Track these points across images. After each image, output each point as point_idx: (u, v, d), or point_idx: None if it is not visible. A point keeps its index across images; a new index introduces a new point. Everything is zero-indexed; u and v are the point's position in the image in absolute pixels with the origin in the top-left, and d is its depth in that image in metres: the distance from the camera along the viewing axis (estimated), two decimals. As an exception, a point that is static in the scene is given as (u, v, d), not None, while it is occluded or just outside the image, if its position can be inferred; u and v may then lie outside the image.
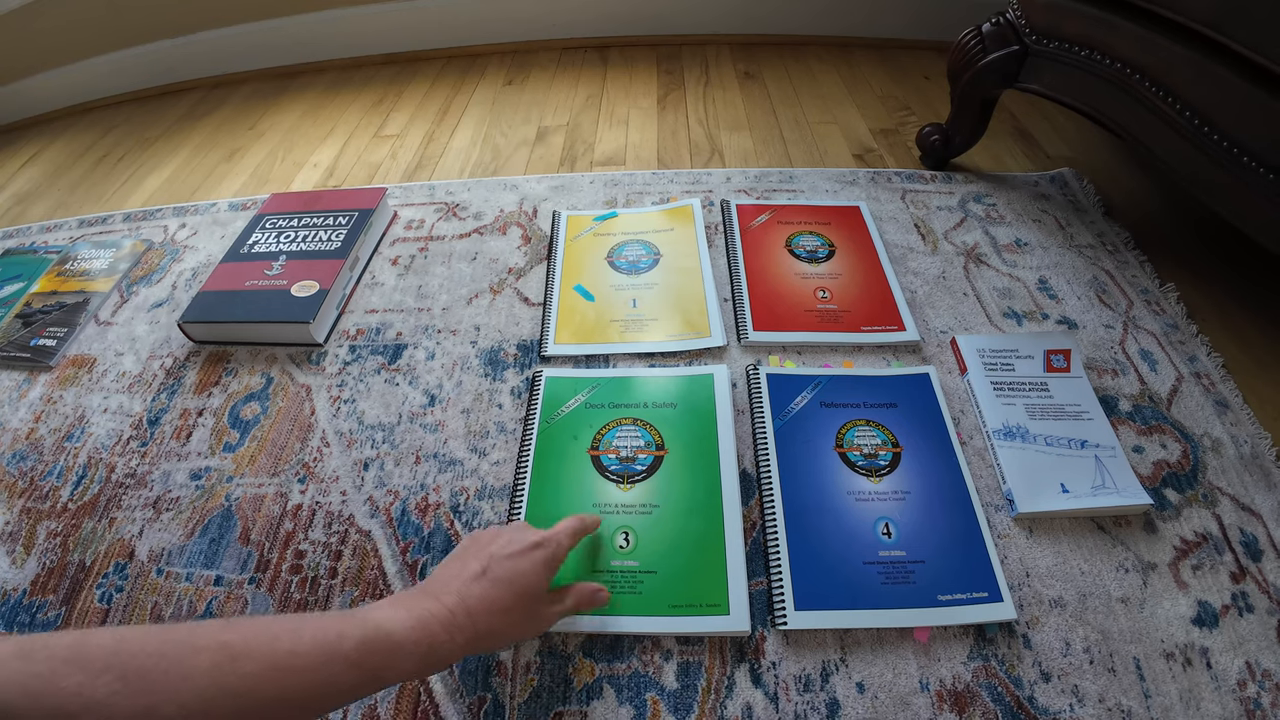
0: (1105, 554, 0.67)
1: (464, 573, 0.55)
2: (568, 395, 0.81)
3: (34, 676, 0.35)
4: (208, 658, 0.40)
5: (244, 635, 0.43)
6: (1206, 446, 0.75)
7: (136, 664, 0.38)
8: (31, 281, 1.09)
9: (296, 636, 0.44)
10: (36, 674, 0.35)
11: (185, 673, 0.39)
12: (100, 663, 0.37)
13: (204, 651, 0.40)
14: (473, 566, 0.55)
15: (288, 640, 0.44)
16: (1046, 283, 0.93)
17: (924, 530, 0.68)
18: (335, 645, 0.45)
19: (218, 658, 0.40)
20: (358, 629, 0.47)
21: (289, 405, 0.86)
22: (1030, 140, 1.22)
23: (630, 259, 0.99)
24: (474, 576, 0.54)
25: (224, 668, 0.40)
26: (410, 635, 0.48)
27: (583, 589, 0.61)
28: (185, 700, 0.38)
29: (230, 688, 0.40)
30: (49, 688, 0.35)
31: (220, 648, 0.41)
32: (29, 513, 0.79)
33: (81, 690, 0.35)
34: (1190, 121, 0.78)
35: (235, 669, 0.41)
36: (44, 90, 1.74)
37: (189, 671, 0.39)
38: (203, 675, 0.39)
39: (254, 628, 0.44)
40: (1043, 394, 0.77)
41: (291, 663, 0.43)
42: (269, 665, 0.42)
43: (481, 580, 0.54)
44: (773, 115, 1.34)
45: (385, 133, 1.43)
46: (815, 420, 0.77)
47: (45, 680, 0.35)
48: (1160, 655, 0.61)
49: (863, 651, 0.62)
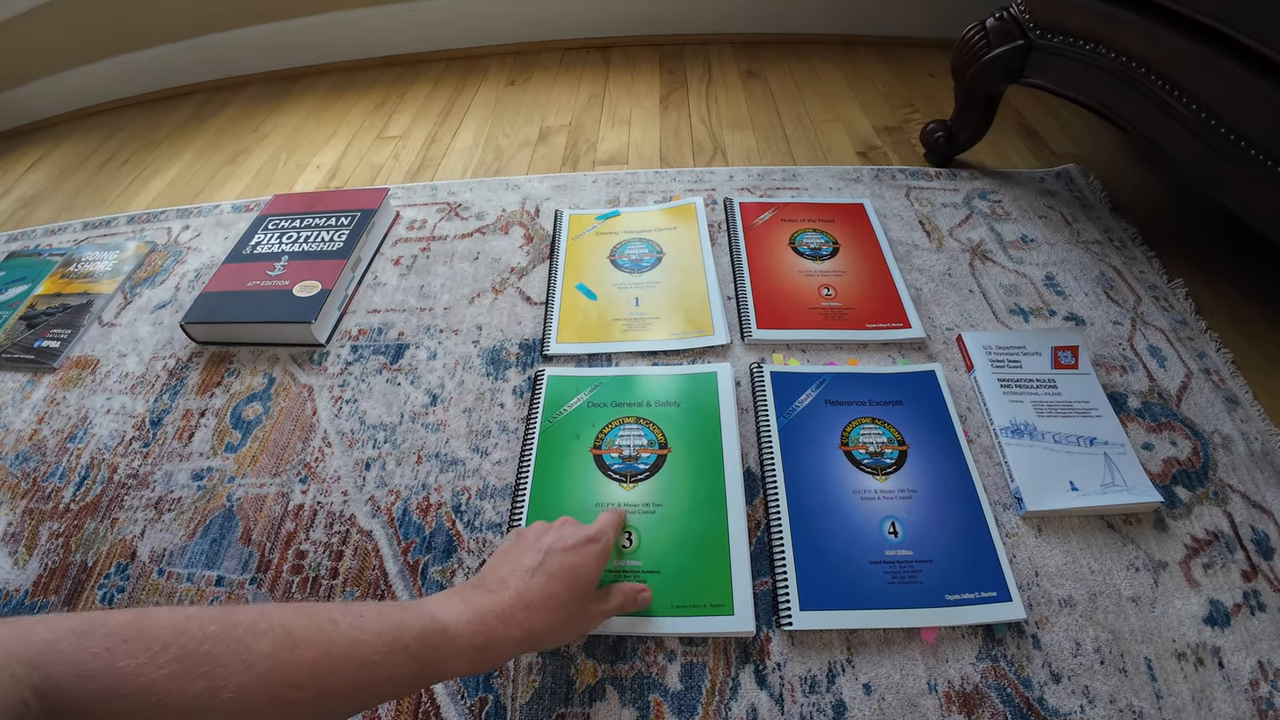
0: (1115, 553, 0.66)
1: (520, 566, 0.54)
2: (570, 394, 0.81)
3: (90, 655, 0.34)
4: (269, 642, 0.39)
5: (307, 621, 0.42)
6: (1217, 443, 0.74)
7: (197, 645, 0.37)
8: (36, 284, 1.09)
9: (359, 623, 0.44)
10: (93, 653, 0.34)
11: (245, 657, 0.38)
12: (161, 641, 0.36)
13: (266, 635, 0.39)
14: (528, 560, 0.54)
15: (350, 628, 0.43)
16: (1053, 279, 0.92)
17: (931, 529, 0.67)
18: (396, 635, 0.44)
19: (279, 642, 0.40)
20: (416, 620, 0.46)
21: (291, 405, 0.86)
22: (1035, 136, 1.21)
23: (633, 257, 0.98)
24: (530, 570, 0.53)
25: (284, 654, 0.39)
26: (467, 629, 0.47)
27: (627, 589, 0.60)
28: (242, 684, 0.37)
29: (288, 675, 0.39)
30: (104, 668, 0.34)
31: (283, 632, 0.40)
32: (31, 513, 0.79)
33: (139, 671, 0.35)
34: (1196, 115, 0.77)
35: (295, 656, 0.40)
36: (49, 95, 1.75)
37: (250, 656, 0.38)
38: (263, 660, 0.38)
39: (317, 614, 0.43)
40: (1051, 391, 0.76)
41: (353, 651, 0.42)
42: (329, 653, 0.41)
43: (539, 573, 0.53)
44: (775, 113, 1.33)
45: (388, 134, 1.43)
46: (820, 418, 0.76)
47: (101, 660, 0.34)
48: (1172, 655, 0.60)
49: (869, 652, 0.61)
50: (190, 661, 0.36)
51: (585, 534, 0.57)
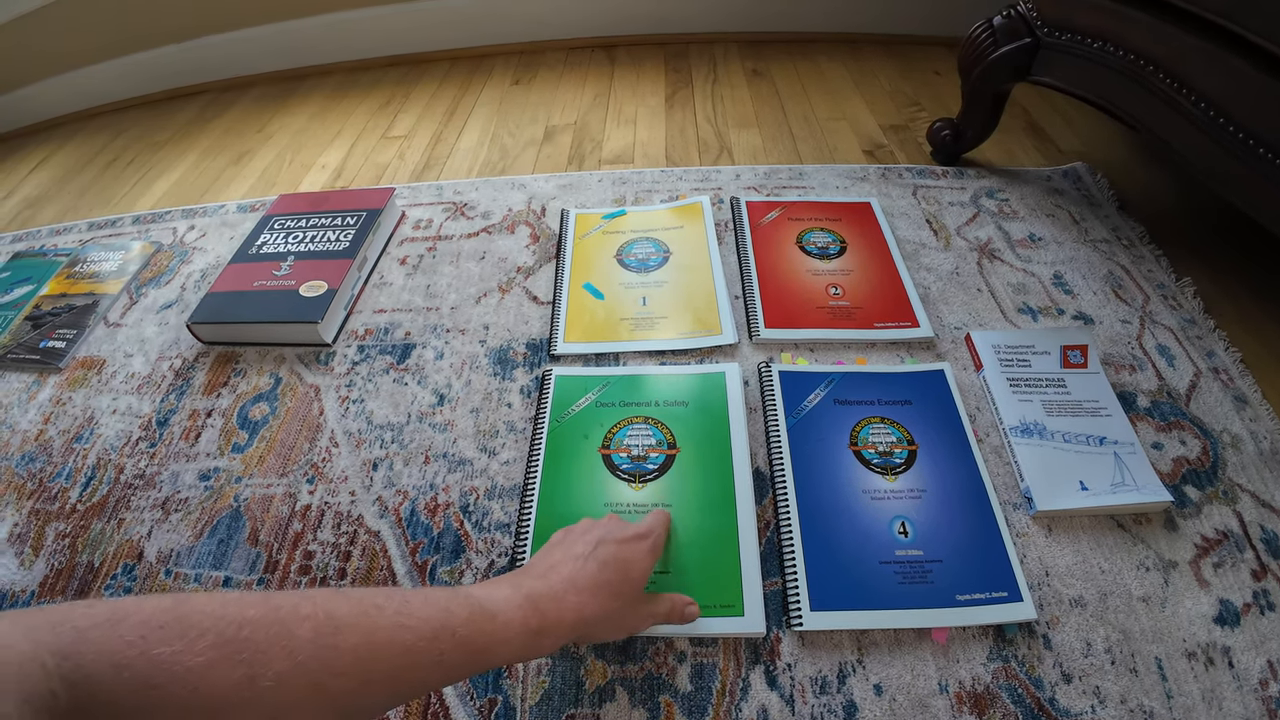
0: (1126, 552, 0.66)
1: (570, 553, 0.53)
2: (578, 394, 0.81)
3: (125, 644, 0.33)
4: (310, 627, 0.38)
5: (350, 606, 0.41)
6: (1226, 443, 0.73)
7: (236, 631, 0.36)
8: (41, 284, 1.09)
9: (404, 609, 0.43)
10: (127, 641, 0.33)
11: (287, 644, 0.37)
12: (199, 627, 0.35)
13: (308, 620, 0.38)
14: (579, 548, 0.53)
15: (394, 614, 0.42)
16: (1061, 278, 0.91)
17: (941, 529, 0.67)
18: (443, 621, 0.43)
19: (321, 628, 0.39)
20: (464, 605, 0.45)
21: (297, 405, 0.86)
22: (1042, 135, 1.21)
23: (640, 257, 0.98)
24: (583, 556, 0.52)
25: (326, 639, 0.38)
26: (518, 614, 0.47)
27: (677, 599, 0.59)
28: (283, 671, 0.36)
29: (330, 662, 0.38)
30: (139, 656, 0.33)
31: (326, 618, 0.39)
32: (38, 514, 0.79)
33: (175, 659, 0.34)
34: (1205, 113, 0.77)
35: (337, 642, 0.39)
36: (53, 95, 1.75)
37: (291, 642, 0.37)
38: (305, 646, 0.37)
39: (361, 599, 0.42)
40: (1060, 390, 0.76)
41: (398, 637, 0.41)
42: (372, 639, 0.40)
43: (591, 560, 0.52)
44: (781, 112, 1.33)
45: (393, 134, 1.43)
46: (829, 418, 0.76)
47: (136, 648, 0.33)
48: (1182, 655, 0.60)
49: (880, 653, 0.61)
50: (229, 648, 0.35)
51: (636, 530, 0.57)
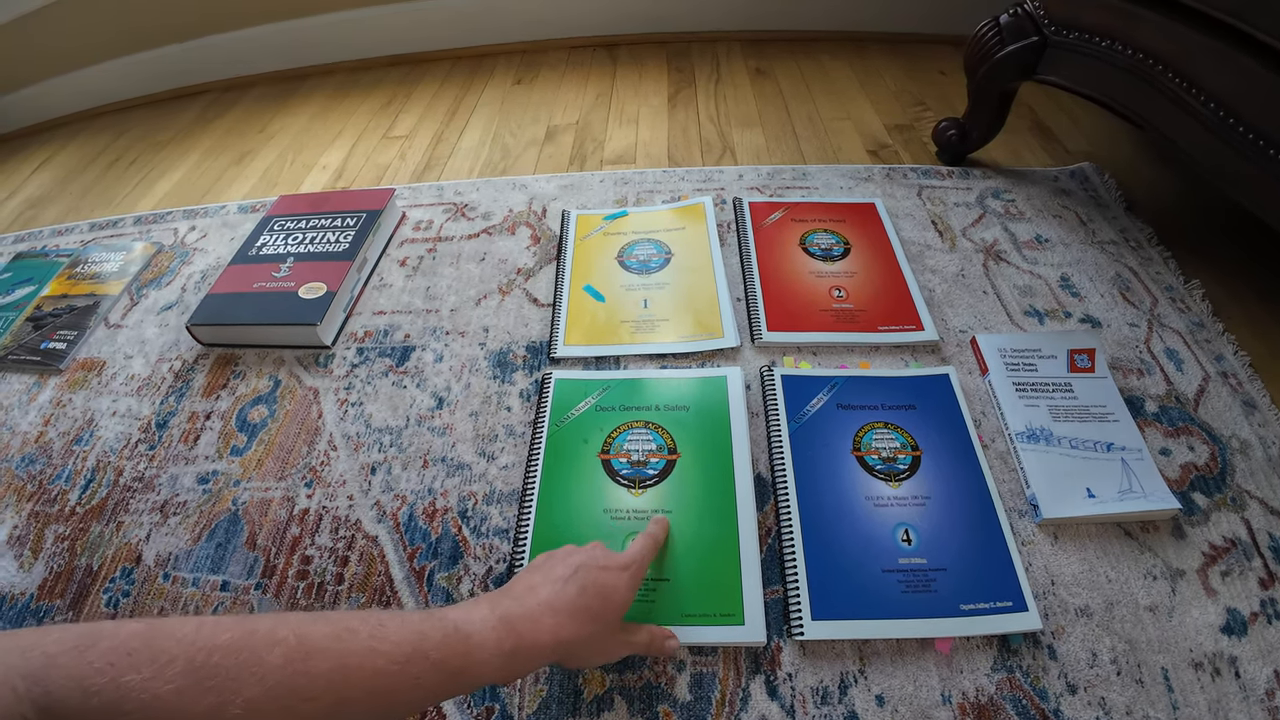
0: (1133, 561, 0.65)
1: (551, 575, 0.53)
2: (578, 398, 0.80)
3: (94, 670, 0.33)
4: (281, 653, 0.38)
5: (323, 629, 0.41)
6: (1234, 448, 0.72)
7: (206, 658, 0.36)
8: (42, 285, 1.09)
9: (378, 632, 0.43)
10: (96, 668, 0.34)
11: (257, 670, 0.37)
12: (168, 654, 0.35)
13: (279, 646, 0.39)
14: (560, 570, 0.53)
15: (368, 637, 0.42)
16: (1068, 280, 0.90)
17: (945, 537, 0.66)
18: (418, 643, 0.43)
19: (292, 653, 0.39)
20: (439, 627, 0.45)
21: (296, 408, 0.85)
22: (1049, 135, 1.20)
23: (641, 258, 0.97)
24: (563, 579, 0.52)
25: (297, 664, 0.38)
26: (493, 635, 0.47)
27: (656, 631, 0.59)
28: (252, 698, 0.36)
29: (300, 687, 0.38)
30: (109, 683, 0.33)
31: (297, 642, 0.39)
32: (37, 516, 0.79)
33: (144, 686, 0.34)
34: (1214, 113, 0.76)
35: (308, 667, 0.39)
36: (55, 95, 1.75)
37: (261, 668, 0.37)
38: (275, 672, 0.38)
39: (334, 622, 0.42)
40: (1067, 395, 0.75)
41: (371, 661, 0.41)
42: (344, 663, 0.40)
43: (571, 583, 0.52)
44: (785, 112, 1.32)
45: (394, 134, 1.43)
46: (832, 423, 0.75)
47: (105, 675, 0.33)
48: (1189, 665, 0.59)
49: (882, 663, 0.60)
50: (198, 675, 0.35)
51: (619, 559, 0.56)
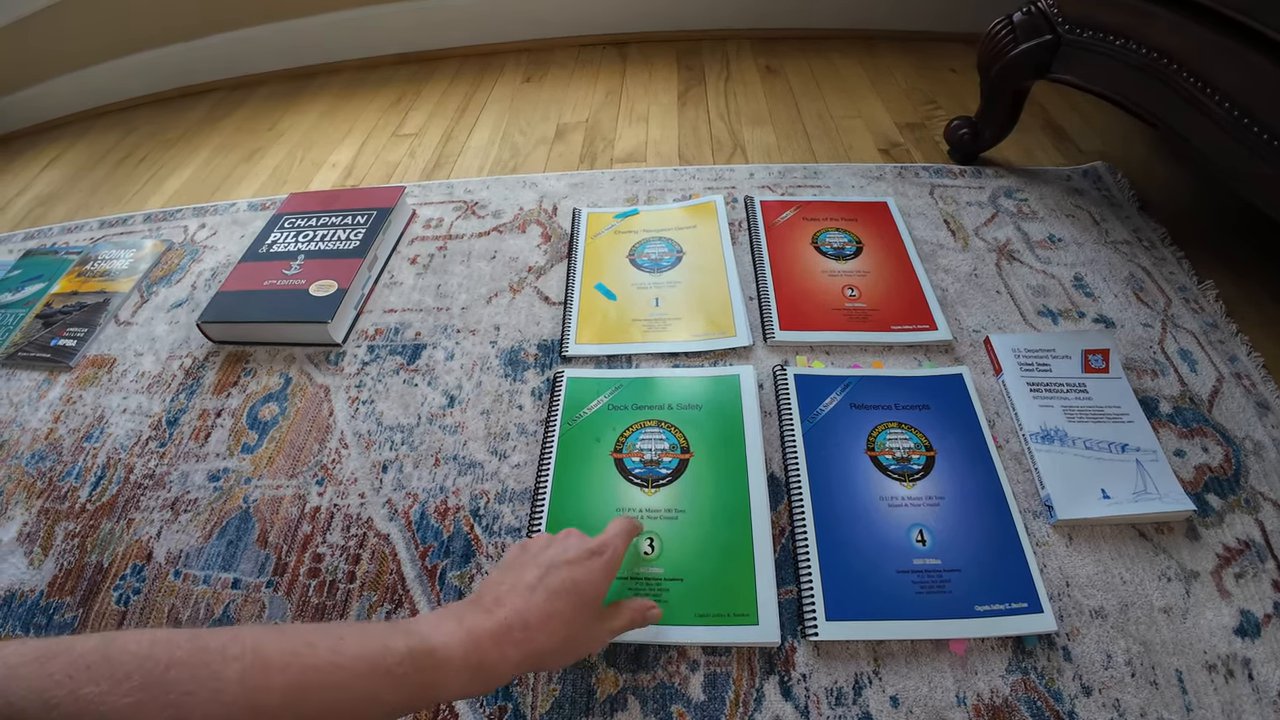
0: (1147, 562, 0.64)
1: (519, 583, 0.51)
2: (590, 396, 0.80)
3: (53, 683, 0.34)
4: (238, 669, 0.38)
5: (281, 644, 0.41)
6: (1249, 450, 0.72)
7: (163, 672, 0.36)
8: (52, 282, 1.09)
9: (338, 646, 0.42)
10: (55, 681, 0.34)
11: (214, 685, 0.37)
12: (125, 669, 0.35)
13: (236, 661, 0.38)
14: (528, 576, 0.51)
15: (327, 651, 0.42)
16: (1082, 280, 0.90)
17: (960, 537, 0.65)
18: (379, 658, 0.43)
19: (249, 668, 0.38)
20: (403, 641, 0.44)
21: (307, 406, 0.85)
22: (1061, 134, 1.19)
23: (652, 257, 0.97)
24: (531, 586, 0.51)
25: (254, 679, 0.38)
26: (459, 650, 0.45)
27: (636, 605, 0.57)
28: (209, 713, 0.36)
29: (257, 702, 0.38)
30: (67, 696, 0.33)
31: (254, 657, 0.39)
32: (47, 513, 0.79)
33: (102, 699, 0.34)
34: (1229, 112, 0.75)
35: (266, 681, 0.39)
36: (64, 93, 1.75)
37: (218, 684, 0.37)
38: (231, 687, 0.37)
39: (292, 636, 0.42)
40: (1081, 395, 0.74)
41: (330, 677, 0.41)
42: (302, 679, 0.40)
43: (539, 590, 0.50)
44: (795, 110, 1.32)
45: (403, 132, 1.42)
46: (845, 422, 0.75)
47: (64, 687, 0.34)
48: (1202, 667, 0.59)
49: (896, 664, 0.60)
50: (155, 690, 0.36)
51: (589, 546, 0.55)
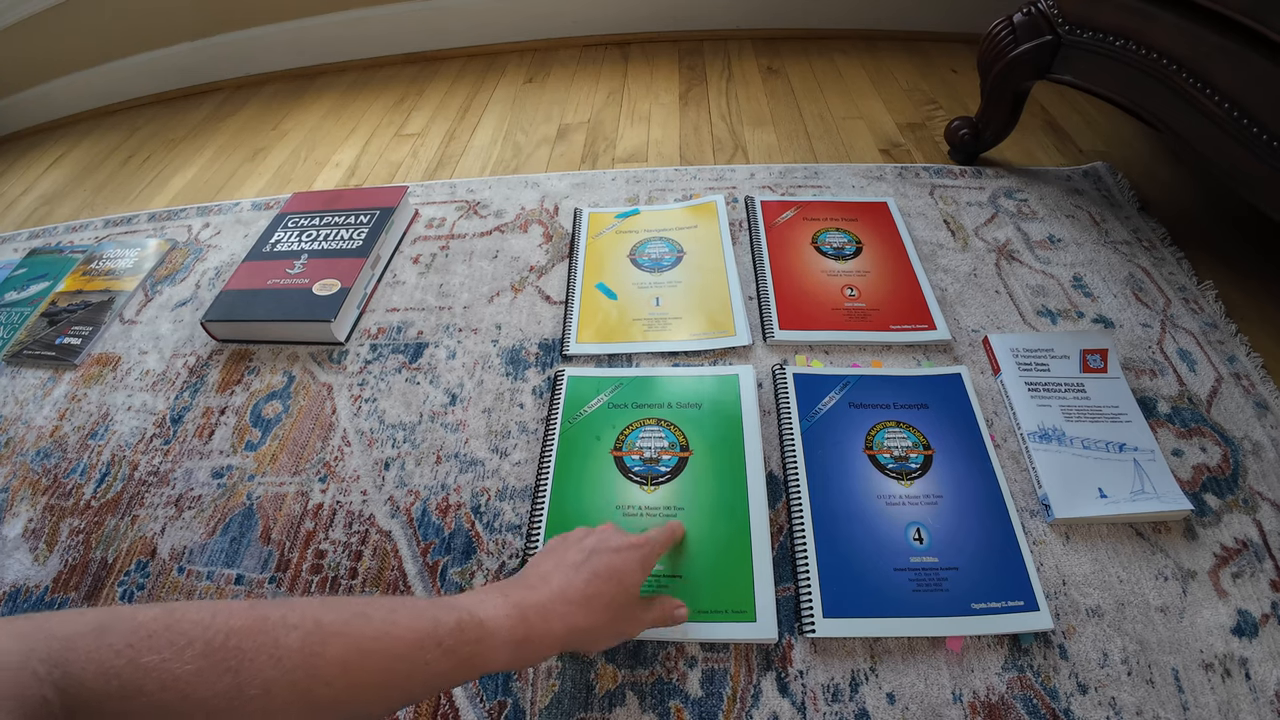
0: (1144, 561, 0.65)
1: (563, 562, 0.53)
2: (590, 395, 0.80)
3: (113, 653, 0.34)
4: (298, 636, 0.39)
5: (338, 614, 0.42)
6: (1247, 450, 0.72)
7: (224, 640, 0.37)
8: (57, 281, 1.10)
9: (391, 618, 0.43)
10: (115, 650, 0.34)
11: (274, 652, 0.38)
12: (187, 636, 0.36)
13: (296, 630, 0.39)
14: (572, 557, 0.54)
15: (381, 622, 0.43)
16: (1081, 280, 0.90)
17: (957, 536, 0.66)
18: (430, 630, 0.44)
19: (309, 637, 0.39)
20: (452, 615, 0.46)
21: (310, 404, 0.86)
22: (1062, 134, 1.19)
23: (653, 256, 0.98)
24: (575, 565, 0.53)
25: (313, 647, 0.39)
26: (506, 622, 0.47)
27: (666, 602, 0.59)
28: (270, 679, 0.37)
29: (317, 670, 0.39)
30: (127, 665, 0.34)
31: (314, 626, 0.40)
32: (52, 510, 0.80)
33: (163, 667, 0.34)
34: (1229, 113, 0.75)
35: (324, 649, 0.40)
36: (69, 93, 1.77)
37: (278, 650, 0.38)
38: (292, 654, 0.38)
39: (349, 607, 0.43)
40: (1079, 395, 0.75)
41: (385, 645, 0.42)
42: (359, 647, 0.41)
43: (583, 569, 0.53)
44: (797, 110, 1.32)
45: (406, 132, 1.43)
46: (844, 421, 0.75)
47: (124, 657, 0.34)
48: (1199, 666, 0.59)
49: (893, 661, 0.60)
50: (216, 656, 0.36)
51: (630, 539, 0.57)
